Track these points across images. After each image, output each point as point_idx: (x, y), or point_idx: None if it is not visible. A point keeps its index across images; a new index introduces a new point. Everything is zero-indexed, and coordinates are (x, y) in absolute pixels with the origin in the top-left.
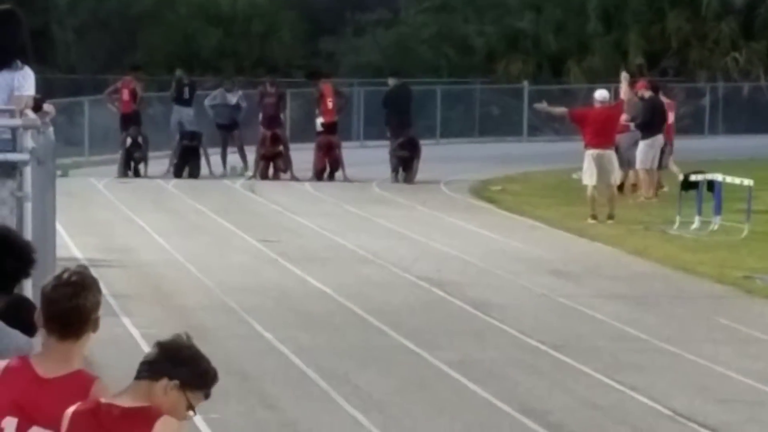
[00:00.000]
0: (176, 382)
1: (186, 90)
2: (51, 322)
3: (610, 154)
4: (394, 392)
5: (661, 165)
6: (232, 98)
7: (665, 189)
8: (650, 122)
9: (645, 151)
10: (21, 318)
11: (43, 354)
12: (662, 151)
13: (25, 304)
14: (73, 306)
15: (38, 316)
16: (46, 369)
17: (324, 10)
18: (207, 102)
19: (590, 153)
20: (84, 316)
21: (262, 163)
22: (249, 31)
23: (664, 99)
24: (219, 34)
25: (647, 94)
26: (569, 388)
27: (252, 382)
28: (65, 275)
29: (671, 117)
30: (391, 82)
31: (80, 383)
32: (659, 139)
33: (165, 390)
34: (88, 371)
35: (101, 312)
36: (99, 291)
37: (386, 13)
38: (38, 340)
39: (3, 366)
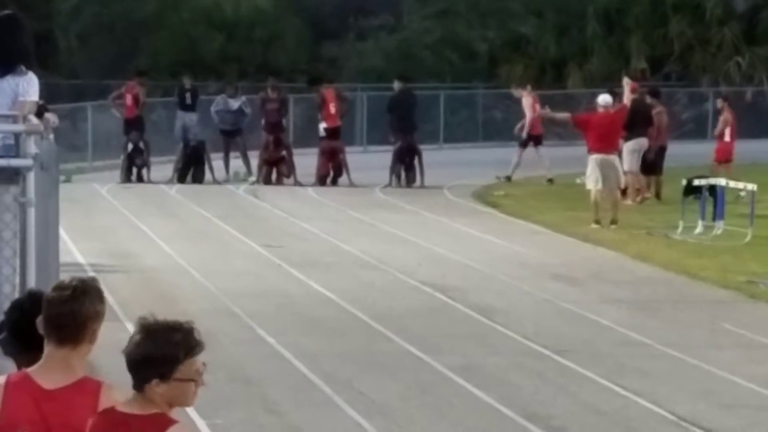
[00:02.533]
0: (155, 381)
1: (188, 96)
2: (48, 324)
3: (614, 159)
4: (397, 397)
5: (660, 170)
6: (234, 103)
7: (647, 196)
8: (631, 124)
9: (630, 155)
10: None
11: (43, 365)
12: (662, 156)
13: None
14: (68, 310)
15: (40, 321)
16: (49, 380)
17: (327, 16)
18: (212, 108)
19: (594, 158)
20: (79, 322)
21: (265, 168)
22: (252, 37)
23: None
24: (222, 39)
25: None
26: (573, 393)
27: (255, 387)
28: (67, 280)
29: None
30: (396, 85)
31: (87, 390)
32: (642, 141)
33: (155, 393)
34: (92, 377)
35: (105, 321)
36: (101, 302)
37: (389, 18)
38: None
39: (3, 381)
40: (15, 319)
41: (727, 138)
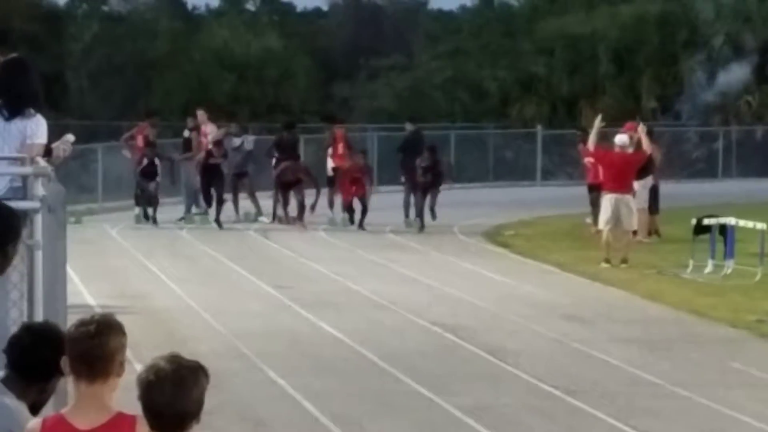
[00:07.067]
0: (195, 424)
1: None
2: (76, 363)
3: (628, 199)
4: None
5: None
6: (237, 141)
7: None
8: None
9: (640, 192)
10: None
11: (76, 405)
12: (656, 195)
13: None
14: (95, 344)
15: (64, 363)
16: (85, 420)
17: (338, 55)
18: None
19: (608, 197)
20: (107, 356)
21: (280, 199)
22: (263, 77)
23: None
24: (233, 80)
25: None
26: None
27: (265, 428)
28: (88, 317)
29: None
30: (408, 127)
31: (123, 426)
32: (650, 180)
33: None
34: (126, 412)
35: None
36: (123, 334)
37: (400, 58)
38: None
39: (39, 426)
40: (17, 356)
41: None
